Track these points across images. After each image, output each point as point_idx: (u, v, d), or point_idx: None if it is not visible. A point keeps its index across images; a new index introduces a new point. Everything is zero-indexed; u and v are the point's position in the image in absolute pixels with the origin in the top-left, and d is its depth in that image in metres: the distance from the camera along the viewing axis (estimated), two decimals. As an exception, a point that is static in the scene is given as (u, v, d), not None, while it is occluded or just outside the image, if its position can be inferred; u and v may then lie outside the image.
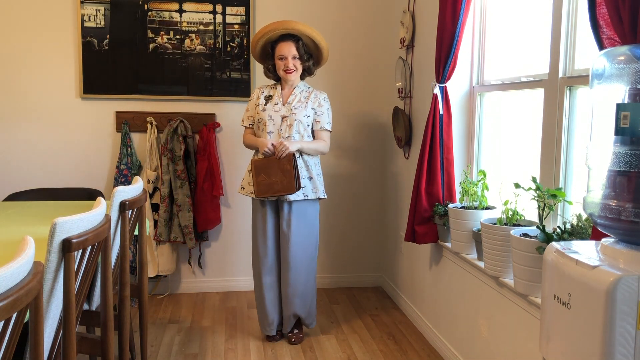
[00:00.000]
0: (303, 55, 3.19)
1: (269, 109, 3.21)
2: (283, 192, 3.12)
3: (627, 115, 1.40)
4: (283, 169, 3.10)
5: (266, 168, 3.13)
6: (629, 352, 1.32)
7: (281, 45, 3.16)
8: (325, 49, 3.24)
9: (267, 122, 3.18)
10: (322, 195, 3.27)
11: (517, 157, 2.80)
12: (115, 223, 2.37)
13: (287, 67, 3.16)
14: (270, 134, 3.18)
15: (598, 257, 1.45)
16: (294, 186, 3.10)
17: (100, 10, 3.88)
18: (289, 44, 3.15)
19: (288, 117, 3.19)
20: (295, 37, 3.17)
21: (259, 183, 3.13)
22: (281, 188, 3.11)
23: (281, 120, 3.19)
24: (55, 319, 1.84)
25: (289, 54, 3.15)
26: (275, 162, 3.12)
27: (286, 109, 3.20)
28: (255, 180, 3.14)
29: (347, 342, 3.36)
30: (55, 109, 3.94)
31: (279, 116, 3.20)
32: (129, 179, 3.91)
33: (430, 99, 3.19)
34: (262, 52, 3.29)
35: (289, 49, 3.15)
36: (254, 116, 3.28)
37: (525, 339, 2.30)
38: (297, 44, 3.17)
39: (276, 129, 3.19)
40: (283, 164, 3.10)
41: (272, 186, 3.12)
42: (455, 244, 2.84)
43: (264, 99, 3.25)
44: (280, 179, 3.11)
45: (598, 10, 1.77)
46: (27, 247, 1.34)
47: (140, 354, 2.97)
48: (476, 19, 3.06)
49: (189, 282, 4.22)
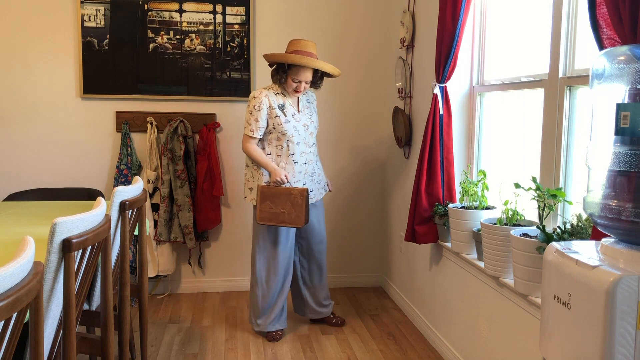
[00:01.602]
0: (317, 82, 3.30)
1: (291, 119, 3.23)
2: (289, 224, 3.18)
3: (627, 115, 1.40)
4: (293, 202, 3.15)
5: (273, 197, 3.17)
6: (629, 352, 1.32)
7: (300, 70, 3.17)
8: (338, 76, 3.35)
9: (294, 134, 3.23)
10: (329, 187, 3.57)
11: (517, 157, 2.80)
12: (115, 223, 2.37)
13: (298, 90, 3.23)
14: (298, 145, 3.25)
15: (598, 257, 1.45)
16: (302, 221, 3.17)
17: (100, 10, 3.88)
18: (308, 71, 3.19)
19: (308, 126, 3.31)
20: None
21: (262, 210, 3.18)
22: (287, 220, 3.17)
23: (304, 129, 3.28)
24: (55, 319, 1.84)
25: (305, 79, 3.21)
26: (285, 193, 3.16)
27: (304, 117, 3.30)
28: (259, 207, 3.18)
29: (347, 342, 3.37)
30: (55, 109, 3.94)
31: (301, 125, 3.27)
32: (129, 179, 3.91)
33: (430, 99, 3.19)
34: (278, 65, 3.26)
35: (306, 76, 3.20)
36: (265, 127, 3.22)
37: (525, 339, 2.30)
38: (315, 72, 3.24)
39: (302, 139, 3.27)
40: (295, 196, 3.15)
41: (278, 216, 3.16)
42: (455, 244, 2.84)
43: (279, 108, 3.23)
44: (288, 210, 3.15)
45: (598, 10, 1.77)
46: (27, 247, 1.34)
47: (140, 354, 2.97)
48: (476, 19, 3.06)
49: (189, 282, 4.22)
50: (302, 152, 3.27)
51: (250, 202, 3.33)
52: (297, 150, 3.25)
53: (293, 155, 3.24)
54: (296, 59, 3.13)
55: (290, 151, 3.24)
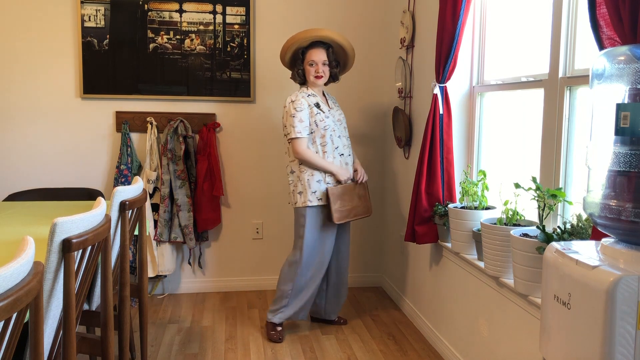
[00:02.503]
0: (332, 61, 3.34)
1: (329, 115, 3.31)
2: (362, 215, 3.40)
3: (627, 115, 1.40)
4: (359, 195, 3.38)
5: (343, 195, 3.31)
6: (629, 352, 1.32)
7: (312, 51, 3.27)
8: (352, 56, 3.41)
9: (335, 129, 3.30)
10: None
11: (517, 157, 2.80)
12: (115, 223, 2.37)
13: (317, 73, 3.28)
14: (340, 138, 3.32)
15: (598, 257, 1.45)
16: (371, 209, 3.44)
17: (100, 10, 3.88)
18: (320, 50, 3.28)
19: (341, 120, 3.40)
20: (325, 44, 3.30)
21: (337, 210, 3.27)
22: (360, 212, 3.38)
23: (339, 123, 3.36)
24: (55, 319, 1.84)
25: (319, 60, 3.27)
26: (351, 188, 3.34)
27: (337, 113, 3.39)
28: (332, 208, 3.25)
29: (347, 342, 3.37)
30: (55, 109, 3.94)
31: (336, 120, 3.34)
32: (129, 179, 3.91)
33: (430, 99, 3.19)
34: (292, 58, 3.36)
35: (320, 55, 3.27)
36: (309, 126, 3.25)
37: (525, 339, 2.30)
38: (328, 51, 3.31)
39: (340, 132, 3.36)
40: (358, 190, 3.37)
41: (351, 211, 3.33)
42: (455, 244, 2.84)
43: (315, 106, 3.28)
44: (357, 203, 3.36)
45: (598, 10, 1.77)
46: (27, 247, 1.34)
47: (140, 354, 2.97)
48: (476, 19, 3.06)
49: (189, 282, 4.22)
50: (344, 145, 3.36)
51: (302, 205, 3.26)
52: (340, 143, 3.33)
53: (338, 148, 3.32)
54: (298, 33, 3.27)
55: (335, 144, 3.30)
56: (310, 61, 3.27)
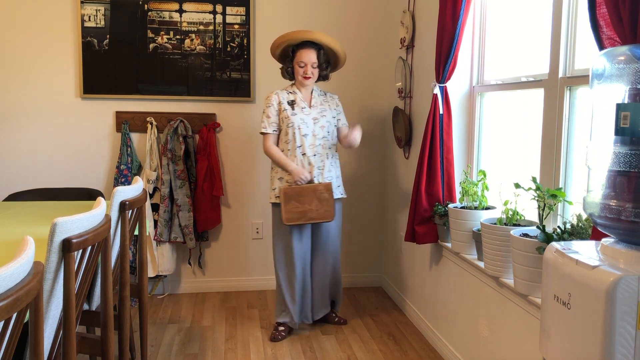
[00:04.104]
0: (322, 63, 3.30)
1: (298, 112, 3.28)
2: (319, 219, 3.25)
3: (627, 115, 1.40)
4: (320, 197, 3.22)
5: (298, 196, 3.21)
6: (629, 352, 1.32)
7: (302, 52, 3.25)
8: (343, 58, 3.38)
9: (300, 126, 3.26)
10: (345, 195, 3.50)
11: (517, 157, 2.79)
12: (115, 223, 2.36)
13: (305, 74, 3.25)
14: (306, 137, 3.27)
15: (598, 257, 1.45)
16: (332, 214, 3.25)
17: (100, 10, 3.88)
18: (310, 51, 3.25)
19: (319, 119, 3.32)
20: (316, 45, 3.26)
21: (288, 211, 3.20)
22: (317, 216, 3.23)
23: (313, 122, 3.30)
24: (55, 319, 1.84)
25: (308, 62, 3.24)
26: (311, 190, 3.22)
27: (315, 112, 3.32)
28: (284, 208, 3.20)
29: (347, 342, 3.36)
30: (55, 109, 3.94)
31: (310, 119, 3.29)
32: (129, 179, 3.91)
33: (430, 99, 3.19)
34: (282, 54, 3.36)
35: (309, 56, 3.24)
36: (277, 122, 3.31)
37: (525, 339, 2.30)
38: (318, 53, 3.27)
39: (310, 131, 3.29)
40: (321, 192, 3.21)
41: (305, 214, 3.21)
42: (455, 244, 2.84)
43: (288, 104, 3.29)
44: (315, 206, 3.21)
45: (598, 10, 1.77)
46: (27, 247, 1.34)
47: (140, 354, 2.97)
48: (476, 19, 3.06)
49: (189, 282, 4.22)
50: (310, 145, 3.29)
51: (269, 201, 3.38)
52: (306, 142, 3.28)
53: (301, 147, 3.27)
54: (290, 33, 3.25)
55: (297, 142, 3.27)
56: (299, 62, 3.25)
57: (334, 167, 3.39)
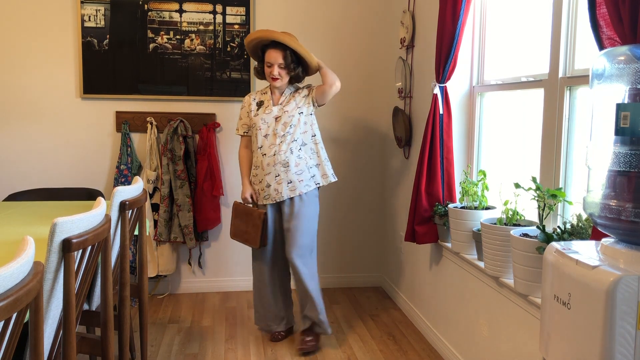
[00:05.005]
0: (290, 64, 3.16)
1: (260, 113, 3.25)
2: (247, 244, 3.27)
3: (627, 115, 1.40)
4: (253, 223, 3.22)
5: (241, 214, 3.31)
6: (629, 352, 1.32)
7: (269, 52, 3.16)
8: (311, 62, 3.20)
9: (261, 126, 3.21)
10: (333, 178, 3.31)
11: (517, 157, 2.80)
12: (115, 223, 2.37)
13: (272, 74, 3.17)
14: (266, 137, 3.20)
15: (598, 257, 1.45)
16: (257, 242, 3.20)
17: (100, 10, 3.88)
18: (277, 52, 3.14)
19: (281, 116, 3.21)
20: (284, 46, 3.14)
21: (234, 225, 3.34)
22: (248, 238, 3.25)
23: (275, 121, 3.21)
24: (55, 319, 1.84)
25: (275, 62, 3.14)
26: (248, 212, 3.27)
27: (278, 110, 3.23)
28: (232, 221, 3.35)
29: (347, 342, 3.36)
30: (55, 109, 3.94)
31: (271, 117, 3.22)
32: (129, 179, 3.91)
33: (430, 99, 3.19)
34: (254, 54, 3.31)
35: (276, 57, 3.14)
36: (247, 124, 3.32)
37: (525, 339, 2.30)
38: (285, 53, 3.14)
39: (271, 130, 3.21)
40: (254, 218, 3.22)
41: (242, 235, 3.28)
42: (455, 244, 2.84)
43: (256, 105, 3.29)
44: (249, 230, 3.24)
45: (598, 10, 1.77)
46: (27, 247, 1.34)
47: (140, 354, 2.97)
48: (476, 19, 3.06)
49: (189, 282, 4.22)
50: (270, 144, 3.18)
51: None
52: (266, 142, 3.20)
53: (261, 147, 3.21)
54: (254, 32, 3.21)
55: (258, 143, 3.22)
56: (267, 62, 3.18)
57: (303, 159, 3.19)
